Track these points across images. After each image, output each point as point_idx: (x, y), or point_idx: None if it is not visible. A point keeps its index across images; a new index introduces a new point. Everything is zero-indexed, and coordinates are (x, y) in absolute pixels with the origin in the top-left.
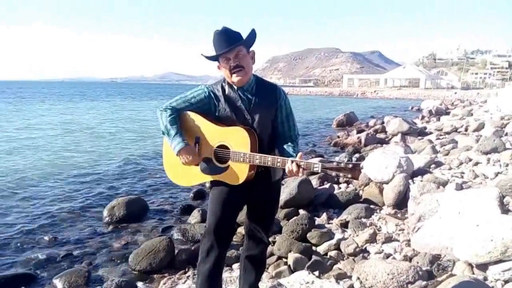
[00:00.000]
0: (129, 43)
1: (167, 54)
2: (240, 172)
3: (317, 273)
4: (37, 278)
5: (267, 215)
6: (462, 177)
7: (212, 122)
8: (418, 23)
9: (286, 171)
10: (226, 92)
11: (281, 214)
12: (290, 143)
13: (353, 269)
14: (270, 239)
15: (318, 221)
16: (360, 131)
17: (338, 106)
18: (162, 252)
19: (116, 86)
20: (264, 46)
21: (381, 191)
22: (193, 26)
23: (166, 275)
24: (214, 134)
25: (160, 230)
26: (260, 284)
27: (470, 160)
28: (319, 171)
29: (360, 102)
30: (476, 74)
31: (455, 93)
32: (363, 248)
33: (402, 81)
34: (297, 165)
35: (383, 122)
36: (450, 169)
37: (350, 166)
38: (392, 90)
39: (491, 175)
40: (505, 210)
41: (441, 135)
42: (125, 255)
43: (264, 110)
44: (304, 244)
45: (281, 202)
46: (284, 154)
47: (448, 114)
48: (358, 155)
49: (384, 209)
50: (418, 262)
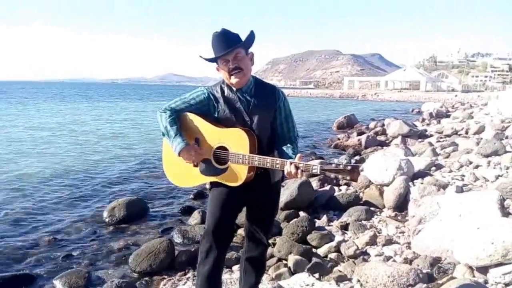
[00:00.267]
0: (129, 43)
1: (167, 55)
2: (239, 173)
3: (317, 275)
4: (36, 278)
5: (267, 217)
6: (462, 179)
7: (211, 124)
8: (418, 24)
9: (285, 173)
10: (225, 93)
11: (281, 216)
12: (289, 145)
13: (353, 271)
14: (271, 241)
15: (319, 223)
16: (360, 133)
17: (338, 108)
18: (162, 253)
19: (117, 87)
20: (264, 47)
21: (381, 194)
22: (193, 26)
23: (166, 277)
24: (213, 135)
25: (160, 231)
26: (260, 286)
27: (471, 162)
28: (318, 173)
29: (360, 104)
30: (476, 77)
31: (456, 95)
32: (364, 250)
33: (402, 83)
34: (295, 166)
35: (384, 125)
36: (451, 171)
37: (349, 167)
38: (392, 92)
39: (492, 178)
40: (505, 213)
41: (441, 138)
42: (125, 256)
43: (263, 112)
44: (304, 246)
45: (281, 204)
46: (283, 155)
47: (448, 116)
48: (358, 157)
49: (384, 211)
50: (418, 265)
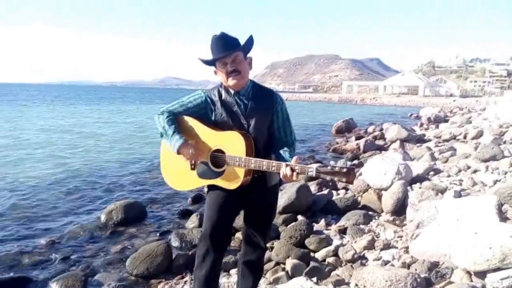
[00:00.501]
0: (129, 44)
1: (167, 57)
2: (235, 176)
3: (315, 279)
4: (33, 281)
5: (264, 220)
6: (460, 184)
7: (208, 127)
8: (417, 29)
9: (281, 176)
10: (223, 97)
11: (279, 219)
12: (286, 148)
13: (351, 275)
14: (268, 245)
15: (317, 227)
16: (359, 138)
17: (337, 112)
18: (160, 256)
19: (116, 90)
20: (263, 50)
21: (379, 198)
22: (193, 26)
23: (163, 280)
24: (211, 139)
25: (158, 234)
26: None
27: (469, 167)
28: (314, 175)
29: (359, 109)
30: (475, 82)
31: (454, 100)
32: (362, 254)
33: (401, 88)
34: (291, 169)
35: (382, 129)
36: (449, 176)
37: (345, 170)
38: (391, 97)
39: (490, 183)
40: (503, 218)
41: (439, 143)
42: (122, 259)
43: (260, 115)
44: (302, 250)
45: (279, 208)
46: (280, 159)
47: (447, 121)
48: (357, 162)
49: (382, 215)
50: (416, 269)
